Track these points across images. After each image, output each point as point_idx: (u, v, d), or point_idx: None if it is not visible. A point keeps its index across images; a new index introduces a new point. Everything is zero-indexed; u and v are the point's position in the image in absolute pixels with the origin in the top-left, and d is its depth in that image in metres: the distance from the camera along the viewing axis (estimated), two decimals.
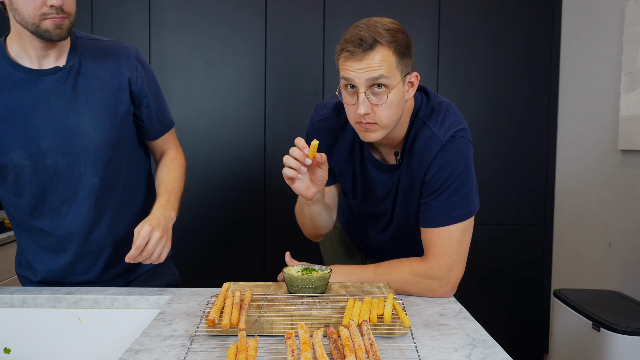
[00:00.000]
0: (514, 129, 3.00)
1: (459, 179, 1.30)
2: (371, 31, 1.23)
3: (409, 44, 1.29)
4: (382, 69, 1.22)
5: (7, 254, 2.31)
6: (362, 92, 1.24)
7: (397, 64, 1.24)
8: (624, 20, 2.36)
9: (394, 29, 1.26)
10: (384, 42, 1.23)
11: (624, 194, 2.37)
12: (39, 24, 1.26)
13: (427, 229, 1.34)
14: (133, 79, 1.42)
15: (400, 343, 1.05)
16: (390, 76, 1.23)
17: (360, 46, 1.23)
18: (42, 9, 1.25)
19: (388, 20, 1.29)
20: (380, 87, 1.23)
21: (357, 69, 1.23)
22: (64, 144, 1.35)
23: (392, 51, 1.24)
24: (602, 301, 2.04)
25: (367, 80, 1.22)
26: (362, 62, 1.23)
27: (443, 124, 1.32)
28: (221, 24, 2.95)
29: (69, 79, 1.36)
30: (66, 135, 1.35)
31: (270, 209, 3.01)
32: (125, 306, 1.32)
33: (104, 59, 1.40)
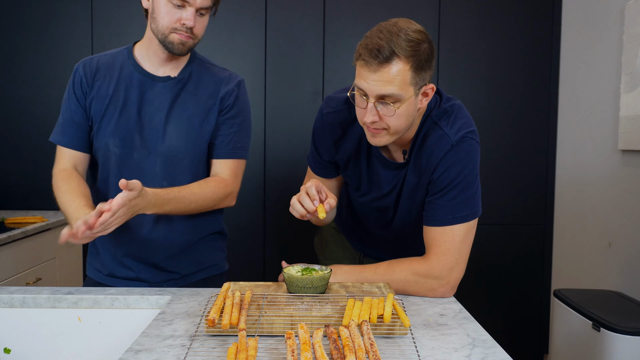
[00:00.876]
0: (514, 129, 3.00)
1: (466, 179, 1.30)
2: (391, 41, 1.19)
3: (430, 56, 1.24)
4: (394, 86, 1.20)
5: (7, 254, 2.32)
6: (371, 102, 1.23)
7: (412, 78, 1.21)
8: (624, 20, 2.36)
9: (417, 40, 1.21)
10: (402, 55, 1.19)
11: (624, 194, 2.37)
12: (168, 36, 1.43)
13: (430, 228, 1.34)
14: (224, 105, 1.55)
15: (400, 343, 1.05)
16: (402, 92, 1.21)
17: (376, 57, 1.19)
18: (176, 24, 1.42)
19: (414, 28, 1.23)
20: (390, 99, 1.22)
21: (370, 80, 1.21)
22: (150, 144, 1.49)
23: (409, 66, 1.20)
24: (602, 301, 2.04)
25: (377, 94, 1.22)
26: (376, 74, 1.20)
27: (454, 125, 1.32)
28: (221, 24, 2.95)
29: (174, 89, 1.52)
30: (154, 137, 1.49)
31: (270, 209, 3.01)
32: (125, 306, 1.33)
33: (208, 80, 1.56)
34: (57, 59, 2.96)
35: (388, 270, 1.36)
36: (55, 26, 2.95)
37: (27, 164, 2.95)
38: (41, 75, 2.96)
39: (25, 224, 2.57)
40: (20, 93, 2.97)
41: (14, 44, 2.95)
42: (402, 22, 1.24)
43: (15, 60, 2.96)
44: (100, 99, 1.49)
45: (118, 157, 1.49)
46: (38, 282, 2.49)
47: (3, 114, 2.97)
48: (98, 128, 1.49)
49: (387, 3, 2.95)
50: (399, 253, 1.49)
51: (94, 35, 2.95)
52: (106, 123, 1.49)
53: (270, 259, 3.03)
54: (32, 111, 2.96)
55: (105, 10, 2.94)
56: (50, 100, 2.96)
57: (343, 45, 2.93)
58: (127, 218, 1.31)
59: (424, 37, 1.23)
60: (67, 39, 2.95)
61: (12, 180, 2.98)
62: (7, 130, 2.97)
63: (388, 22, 1.24)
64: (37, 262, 2.54)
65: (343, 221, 1.72)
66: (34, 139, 2.93)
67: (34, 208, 2.93)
